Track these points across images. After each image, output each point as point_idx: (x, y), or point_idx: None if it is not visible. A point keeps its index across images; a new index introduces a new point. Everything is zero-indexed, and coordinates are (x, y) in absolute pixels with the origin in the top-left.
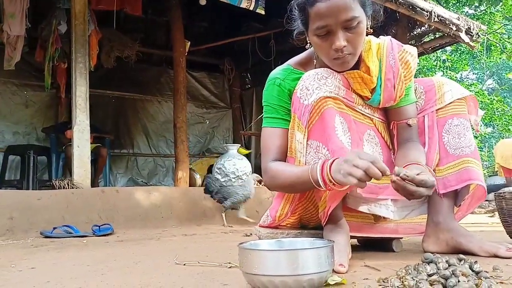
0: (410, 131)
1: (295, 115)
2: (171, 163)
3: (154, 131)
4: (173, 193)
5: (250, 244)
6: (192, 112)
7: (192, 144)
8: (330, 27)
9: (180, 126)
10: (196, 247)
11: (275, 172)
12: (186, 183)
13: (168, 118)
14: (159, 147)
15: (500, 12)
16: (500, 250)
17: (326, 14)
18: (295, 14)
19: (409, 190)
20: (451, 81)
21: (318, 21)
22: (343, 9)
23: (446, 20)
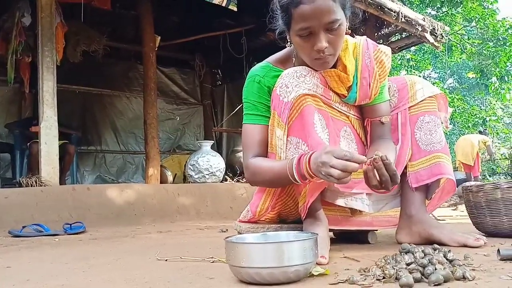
0: (382, 128)
1: (275, 112)
2: (140, 160)
3: (123, 128)
4: (146, 190)
5: (236, 238)
6: (162, 108)
7: (162, 140)
8: (312, 28)
9: (151, 122)
10: (174, 243)
11: (256, 168)
12: (157, 180)
13: (137, 114)
14: (128, 143)
15: (461, 13)
16: (469, 240)
17: (310, 16)
18: (277, 13)
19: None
20: (422, 80)
21: (301, 23)
22: (326, 11)
23: (412, 20)
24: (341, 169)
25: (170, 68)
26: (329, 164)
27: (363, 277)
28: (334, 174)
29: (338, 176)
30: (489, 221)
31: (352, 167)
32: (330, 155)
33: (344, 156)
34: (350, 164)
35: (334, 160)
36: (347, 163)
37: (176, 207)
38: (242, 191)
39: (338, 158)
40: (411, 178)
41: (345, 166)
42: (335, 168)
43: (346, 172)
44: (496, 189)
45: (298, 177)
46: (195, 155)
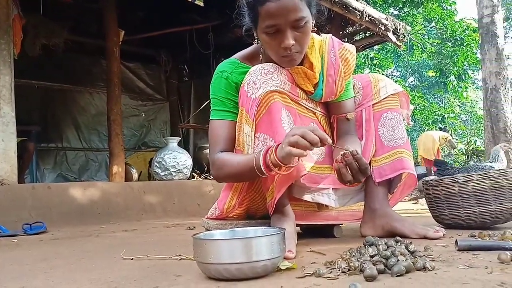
0: (348, 124)
1: (243, 108)
2: (104, 158)
3: (86, 124)
4: (110, 189)
5: (204, 234)
6: (126, 104)
7: (127, 137)
8: (279, 26)
9: (114, 118)
10: (140, 242)
11: (221, 162)
12: (121, 178)
13: (100, 111)
14: (91, 141)
15: (421, 14)
16: (429, 232)
17: (276, 14)
18: (244, 10)
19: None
20: (385, 78)
21: (268, 20)
22: (292, 9)
23: (376, 20)
24: (300, 134)
25: (135, 64)
26: (290, 135)
27: (329, 270)
28: (292, 140)
29: (296, 141)
30: (448, 214)
31: (311, 137)
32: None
33: (308, 127)
34: (309, 133)
35: (295, 129)
36: (307, 131)
37: (142, 205)
38: (210, 188)
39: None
40: (374, 173)
41: (305, 133)
42: (295, 135)
43: (305, 140)
44: (454, 183)
45: (264, 168)
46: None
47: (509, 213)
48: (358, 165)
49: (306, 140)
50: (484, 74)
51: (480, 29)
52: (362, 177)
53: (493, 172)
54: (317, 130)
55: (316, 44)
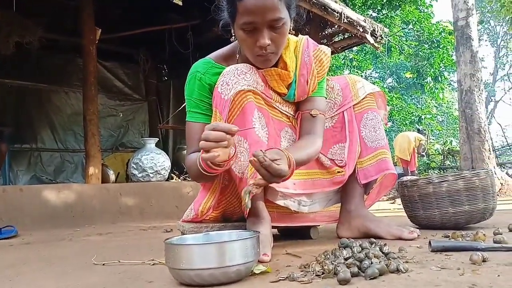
0: (312, 123)
1: (217, 110)
2: (80, 159)
3: (61, 124)
4: (85, 191)
5: (176, 239)
6: (104, 104)
7: (104, 138)
8: (256, 24)
9: (91, 118)
10: (114, 246)
11: (188, 163)
12: (98, 180)
13: (76, 110)
14: (66, 141)
15: (399, 16)
16: (404, 233)
17: (254, 11)
18: (223, 4)
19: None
20: (361, 78)
21: (246, 17)
22: (271, 9)
23: (354, 21)
24: (204, 138)
25: (112, 63)
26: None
27: (303, 273)
28: (201, 146)
29: (201, 146)
30: (422, 214)
31: (214, 136)
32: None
33: (209, 127)
34: (210, 133)
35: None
36: (208, 132)
37: (118, 207)
38: (189, 189)
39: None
40: (359, 175)
41: (206, 135)
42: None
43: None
44: (428, 184)
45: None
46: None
47: (481, 213)
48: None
49: (210, 141)
50: (459, 76)
51: (455, 32)
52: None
53: (466, 172)
54: (218, 126)
55: (291, 44)
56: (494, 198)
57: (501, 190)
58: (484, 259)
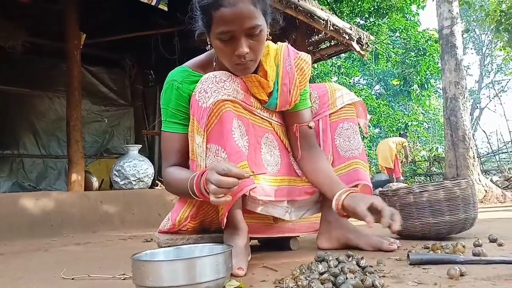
0: (312, 135)
1: (194, 118)
2: (63, 165)
3: (44, 130)
4: (65, 199)
5: (145, 254)
6: (88, 109)
7: (88, 144)
8: (233, 33)
9: (74, 124)
10: (89, 257)
11: (169, 178)
12: (81, 187)
13: (60, 116)
14: (50, 147)
15: (386, 24)
16: (383, 245)
17: (231, 20)
18: (197, 14)
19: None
20: (342, 87)
21: (222, 26)
22: (247, 17)
23: (340, 29)
24: (216, 184)
25: (98, 68)
26: (210, 180)
27: None
28: (211, 190)
29: (213, 192)
30: (403, 224)
31: (227, 182)
32: (213, 171)
33: (221, 170)
34: (224, 180)
35: (213, 176)
36: (221, 178)
37: (99, 216)
38: (172, 197)
39: (216, 173)
40: None
41: (220, 182)
42: (213, 183)
43: (221, 187)
44: (409, 193)
45: (198, 194)
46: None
47: (462, 223)
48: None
49: (222, 187)
50: (444, 83)
51: (441, 40)
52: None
53: (447, 182)
54: (231, 171)
55: (272, 52)
56: (475, 208)
57: (485, 197)
58: (462, 273)
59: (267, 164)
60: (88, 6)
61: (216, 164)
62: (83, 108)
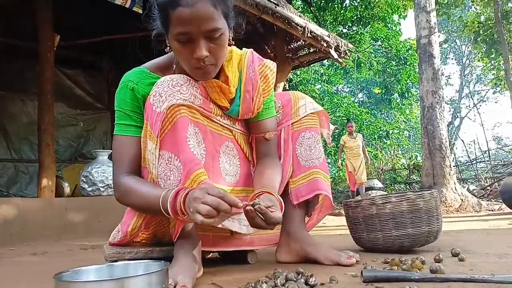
0: (268, 145)
1: (148, 123)
2: (35, 170)
3: (16, 133)
4: (28, 206)
5: (70, 273)
6: (63, 113)
7: (62, 148)
8: (191, 34)
9: (46, 128)
10: (37, 270)
11: (127, 189)
12: (52, 193)
13: (33, 119)
14: (21, 151)
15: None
16: (341, 259)
17: (188, 21)
18: (155, 13)
19: (256, 223)
20: (306, 96)
21: (180, 27)
22: (206, 19)
23: (318, 36)
24: (214, 207)
25: (74, 70)
26: (201, 200)
27: None
28: (203, 211)
29: (207, 213)
30: (366, 236)
31: (225, 207)
32: (204, 191)
33: (218, 193)
34: (223, 204)
35: (207, 197)
36: (220, 201)
37: (63, 223)
38: None
39: (211, 195)
40: (292, 195)
41: (218, 204)
42: (207, 204)
43: (217, 210)
44: (372, 205)
45: (172, 212)
46: (89, 166)
47: (426, 237)
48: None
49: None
50: (422, 92)
51: (418, 50)
52: (272, 227)
53: (410, 194)
54: (226, 196)
55: (235, 58)
56: (439, 221)
57: (461, 206)
58: None
59: (225, 174)
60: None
61: (209, 186)
62: (58, 112)
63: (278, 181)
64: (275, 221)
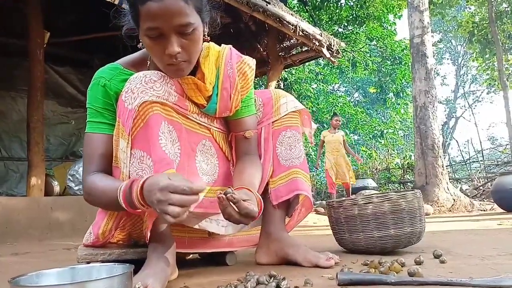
0: (247, 143)
1: (120, 120)
2: (26, 168)
3: (6, 131)
4: (14, 204)
5: (30, 276)
6: (54, 111)
7: (53, 146)
8: (162, 30)
9: (35, 126)
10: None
11: (90, 187)
12: (41, 191)
13: (24, 117)
14: (11, 149)
15: (364, 32)
16: (320, 260)
17: (158, 16)
18: (125, 8)
19: (228, 212)
20: (287, 94)
21: (149, 22)
22: (176, 13)
23: (310, 35)
24: (180, 205)
25: (65, 68)
26: (168, 202)
27: None
28: (173, 213)
29: (178, 214)
30: (348, 237)
31: (192, 201)
32: (166, 192)
33: (182, 191)
34: (189, 199)
35: (172, 197)
36: (186, 198)
37: (48, 223)
38: None
39: (175, 193)
40: (272, 195)
41: (184, 202)
42: (175, 205)
43: (186, 207)
44: (354, 205)
45: (126, 206)
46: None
47: (408, 238)
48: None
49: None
50: (414, 92)
51: (411, 49)
52: (247, 220)
53: (392, 194)
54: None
55: (213, 54)
56: (422, 221)
57: (454, 206)
58: None
59: (202, 173)
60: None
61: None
62: (49, 109)
63: (258, 179)
64: (249, 213)
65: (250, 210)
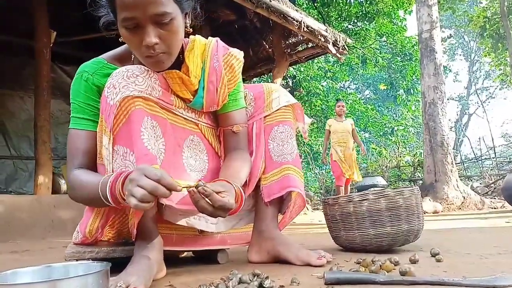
0: (236, 138)
1: (102, 117)
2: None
3: (14, 130)
4: (18, 203)
5: (5, 274)
6: (62, 110)
7: (61, 145)
8: (138, 20)
9: (42, 125)
10: None
11: (74, 183)
12: (48, 190)
13: (32, 116)
14: (20, 148)
15: (374, 29)
16: (311, 259)
17: (133, 5)
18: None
19: (201, 206)
20: (280, 88)
21: (125, 12)
22: (151, 2)
23: (315, 31)
24: (150, 191)
25: (72, 67)
26: (137, 183)
27: None
28: (137, 194)
29: (141, 198)
30: (344, 235)
31: (162, 192)
32: (141, 173)
33: (154, 175)
34: (160, 188)
35: (143, 179)
36: (157, 185)
37: (51, 221)
38: None
39: (149, 178)
40: (264, 192)
41: (155, 188)
42: (143, 188)
43: (153, 195)
44: (349, 202)
45: (112, 200)
46: None
47: (405, 236)
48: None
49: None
50: (423, 88)
51: (420, 44)
52: (223, 213)
53: (389, 191)
54: (165, 179)
55: (199, 47)
56: (420, 219)
57: (463, 203)
58: None
59: (190, 170)
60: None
61: (146, 167)
62: (57, 109)
63: (245, 172)
64: (224, 205)
65: (224, 203)
